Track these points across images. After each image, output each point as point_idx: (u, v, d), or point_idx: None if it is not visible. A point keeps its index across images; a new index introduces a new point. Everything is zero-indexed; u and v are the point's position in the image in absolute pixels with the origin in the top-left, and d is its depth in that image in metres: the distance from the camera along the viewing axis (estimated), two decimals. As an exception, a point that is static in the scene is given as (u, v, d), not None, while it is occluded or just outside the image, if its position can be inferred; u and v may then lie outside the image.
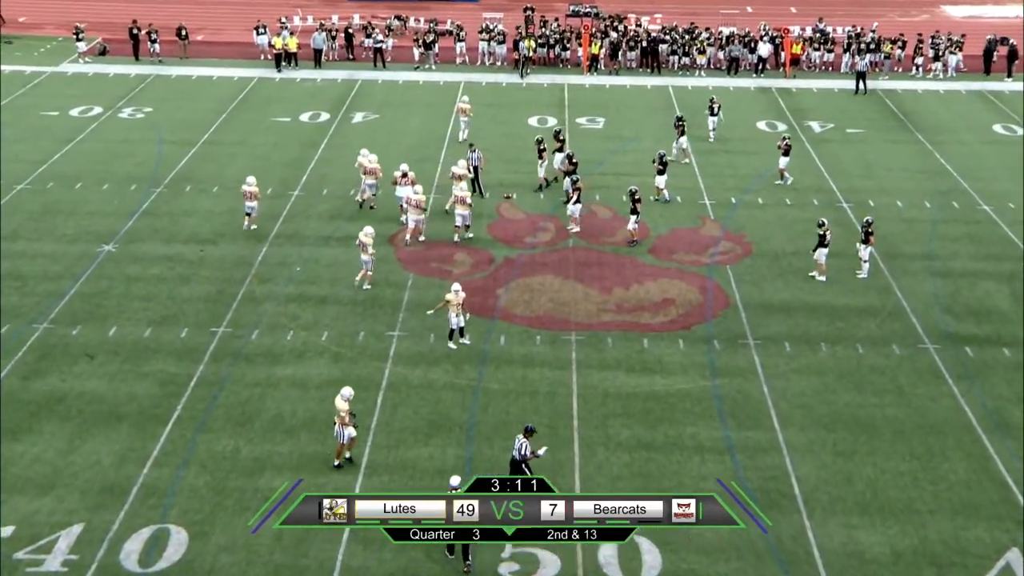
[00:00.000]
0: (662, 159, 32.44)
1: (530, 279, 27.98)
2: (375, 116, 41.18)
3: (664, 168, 32.38)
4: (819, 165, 35.86)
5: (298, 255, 29.07)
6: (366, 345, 24.69)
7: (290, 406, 22.34)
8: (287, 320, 25.74)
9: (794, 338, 25.24)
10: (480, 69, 47.88)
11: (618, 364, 24.06)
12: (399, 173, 31.31)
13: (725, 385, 23.31)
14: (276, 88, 44.74)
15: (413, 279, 27.81)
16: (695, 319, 26.05)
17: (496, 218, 31.52)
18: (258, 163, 35.81)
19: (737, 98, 43.83)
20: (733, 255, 29.48)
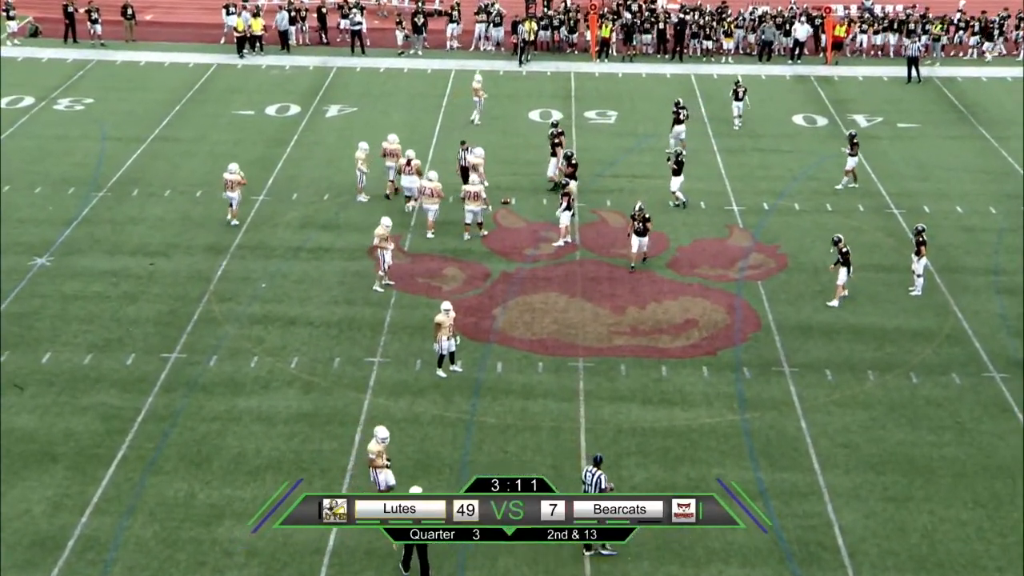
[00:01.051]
0: (678, 158, 32.59)
1: (531, 297, 28.07)
2: (352, 109, 41.38)
3: (680, 168, 32.51)
4: (866, 165, 36.03)
5: (263, 269, 29.17)
6: (342, 373, 24.75)
7: (254, 444, 22.39)
8: (251, 344, 25.80)
9: (836, 365, 25.31)
10: (474, 55, 48.14)
11: (632, 395, 24.13)
12: (403, 160, 32.16)
13: (756, 419, 23.36)
14: (238, 76, 44.94)
15: (396, 297, 27.90)
16: (721, 343, 26.14)
17: (492, 227, 31.65)
18: (217, 163, 35.91)
19: (770, 88, 44.08)
20: (765, 269, 29.60)
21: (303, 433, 22.58)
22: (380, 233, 27.74)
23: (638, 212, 28.82)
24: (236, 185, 31.16)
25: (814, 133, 39.69)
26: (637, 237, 28.85)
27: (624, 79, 45.04)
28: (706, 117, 40.77)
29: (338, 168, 35.54)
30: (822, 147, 38.13)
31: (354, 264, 29.38)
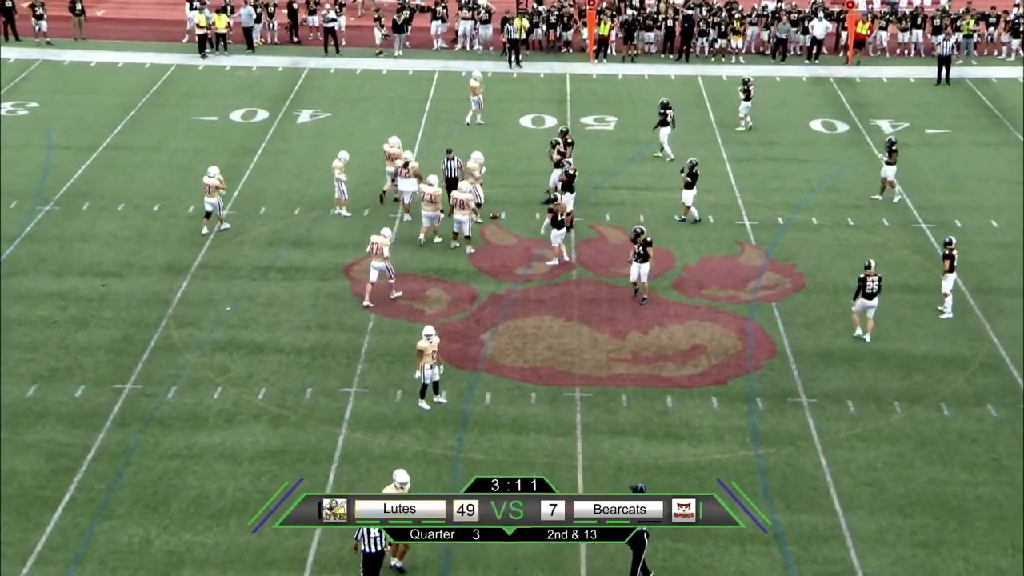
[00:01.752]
0: (692, 169, 32.65)
1: (523, 321, 28.10)
2: (326, 115, 41.46)
3: (694, 181, 32.62)
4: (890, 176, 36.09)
5: (228, 291, 29.17)
6: (314, 405, 24.73)
7: (217, 484, 22.34)
8: (213, 374, 25.77)
9: (859, 396, 25.35)
10: (459, 55, 48.30)
11: (635, 429, 24.14)
12: (400, 163, 32.55)
13: (771, 456, 23.38)
14: (200, 78, 45.01)
15: (375, 321, 27.91)
16: (732, 371, 26.18)
17: (479, 244, 31.70)
18: (176, 174, 36.00)
19: (786, 91, 44.29)
20: (780, 290, 29.67)
21: (271, 472, 22.53)
22: (378, 241, 28.21)
23: (639, 236, 28.53)
24: (215, 190, 31.55)
25: (833, 140, 39.85)
26: (638, 264, 28.57)
27: (624, 81, 45.21)
28: (715, 123, 40.94)
29: (310, 179, 35.60)
30: (842, 155, 38.29)
31: (328, 285, 29.40)
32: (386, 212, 33.12)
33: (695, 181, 32.64)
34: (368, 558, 18.95)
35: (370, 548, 18.75)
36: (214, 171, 31.81)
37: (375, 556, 18.89)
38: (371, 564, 18.98)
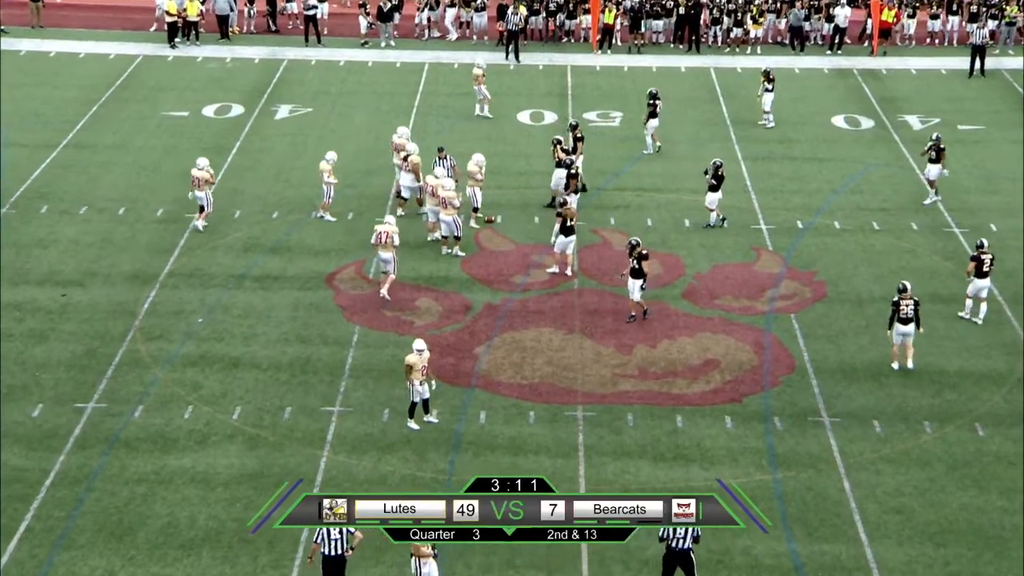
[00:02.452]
0: (717, 170, 32.60)
1: (521, 333, 28.16)
2: (306, 110, 41.54)
3: (719, 183, 32.58)
4: (919, 175, 36.25)
5: (200, 301, 29.23)
6: (294, 425, 24.76)
7: (187, 511, 22.37)
8: (184, 391, 25.81)
9: (886, 415, 25.40)
10: (452, 46, 48.40)
11: (642, 451, 24.18)
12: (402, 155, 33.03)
13: (790, 480, 23.43)
14: (169, 70, 45.07)
15: (360, 333, 27.96)
16: (748, 388, 26.24)
17: (474, 250, 31.77)
18: (143, 174, 36.06)
19: (805, 83, 44.39)
20: (800, 300, 29.75)
21: (247, 498, 22.57)
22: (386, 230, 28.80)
23: (633, 248, 28.25)
24: (204, 184, 31.86)
25: (858, 137, 39.95)
26: (633, 279, 28.36)
27: (631, 74, 45.30)
28: (728, 119, 41.04)
29: (289, 180, 35.68)
30: (867, 154, 38.40)
31: (309, 295, 29.46)
32: (373, 215, 33.18)
33: (720, 183, 32.60)
34: (328, 561, 19.25)
35: (330, 551, 19.15)
36: (204, 163, 32.20)
37: (336, 560, 19.22)
38: (331, 568, 19.29)
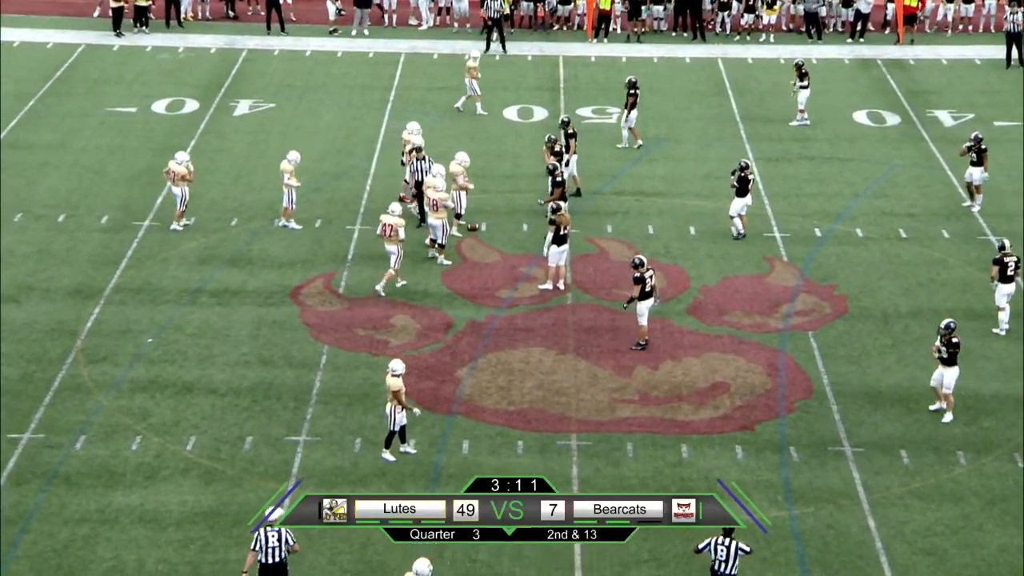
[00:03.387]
0: (743, 172, 32.41)
1: (508, 353, 28.14)
2: (269, 105, 41.49)
3: (746, 188, 32.53)
4: (951, 176, 36.32)
5: (150, 319, 29.15)
6: (256, 457, 24.68)
7: (135, 554, 22.29)
8: (132, 420, 25.72)
9: (915, 444, 25.37)
10: (430, 34, 48.39)
11: (643, 484, 24.11)
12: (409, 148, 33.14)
13: (808, 516, 23.41)
14: (114, 61, 44.99)
15: (329, 354, 27.91)
16: (760, 414, 26.23)
17: (456, 261, 31.75)
18: (85, 177, 35.98)
19: (824, 76, 44.41)
20: (818, 316, 29.77)
21: (202, 539, 22.49)
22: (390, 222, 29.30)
23: (637, 268, 27.83)
24: (180, 180, 32.17)
25: (882, 135, 40.02)
26: (641, 302, 28.07)
27: (629, 65, 45.31)
28: (738, 115, 41.11)
29: (249, 184, 35.64)
30: (893, 153, 38.46)
31: (271, 311, 29.41)
32: (343, 223, 33.15)
33: (746, 188, 32.50)
34: (265, 570, 19.90)
35: (267, 559, 19.87)
36: (183, 157, 32.52)
37: (273, 568, 19.93)
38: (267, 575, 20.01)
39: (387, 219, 29.89)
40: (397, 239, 29.71)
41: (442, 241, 31.20)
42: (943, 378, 25.81)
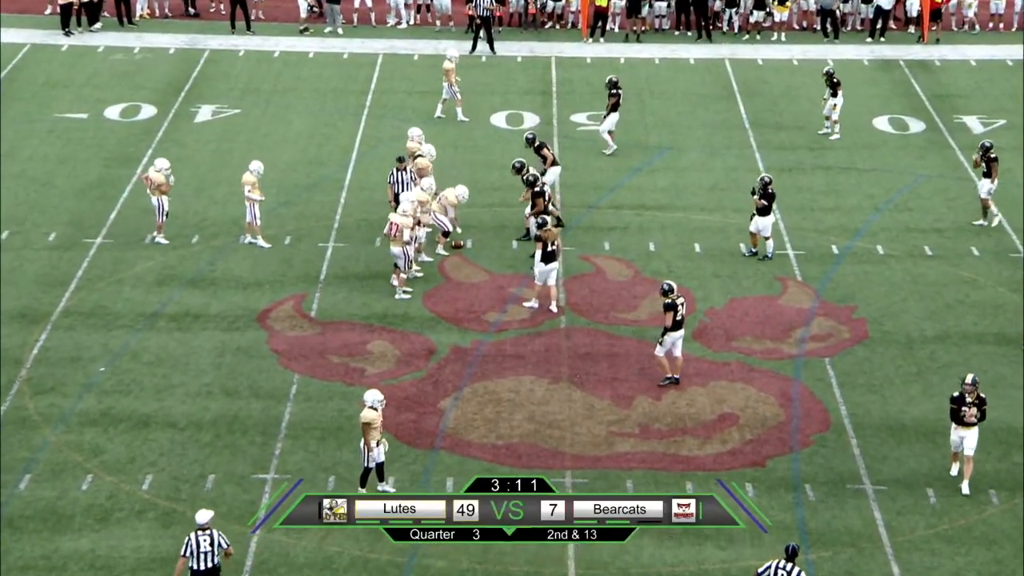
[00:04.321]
0: (766, 188, 32.23)
1: (496, 382, 28.16)
2: (233, 111, 41.53)
3: (771, 204, 32.34)
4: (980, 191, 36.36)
5: (102, 346, 29.13)
6: (219, 497, 24.61)
7: (86, 603, 22.29)
8: (82, 457, 25.68)
9: (943, 482, 25.36)
10: (410, 33, 48.45)
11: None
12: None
13: (826, 561, 23.43)
14: (63, 62, 45.00)
15: (299, 384, 27.90)
16: (772, 449, 26.25)
17: (438, 281, 31.77)
18: (31, 189, 35.96)
19: (841, 78, 44.10)
20: (835, 341, 29.81)
21: (161, 586, 22.53)
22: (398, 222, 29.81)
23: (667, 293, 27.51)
24: (158, 188, 32.37)
25: (905, 143, 40.14)
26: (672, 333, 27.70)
27: (628, 67, 45.45)
28: (747, 121, 41.20)
29: (212, 197, 35.66)
30: (917, 163, 38.56)
31: (236, 337, 29.41)
32: (315, 240, 33.18)
33: (772, 204, 32.41)
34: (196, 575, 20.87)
35: (199, 564, 20.85)
36: (162, 164, 32.78)
37: (206, 573, 20.90)
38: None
39: (396, 219, 30.17)
40: (402, 240, 30.02)
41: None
42: (965, 440, 24.80)
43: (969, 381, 24.75)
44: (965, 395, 24.69)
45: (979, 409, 24.66)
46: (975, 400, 24.64)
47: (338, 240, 33.30)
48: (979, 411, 24.68)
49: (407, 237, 30.13)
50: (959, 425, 24.76)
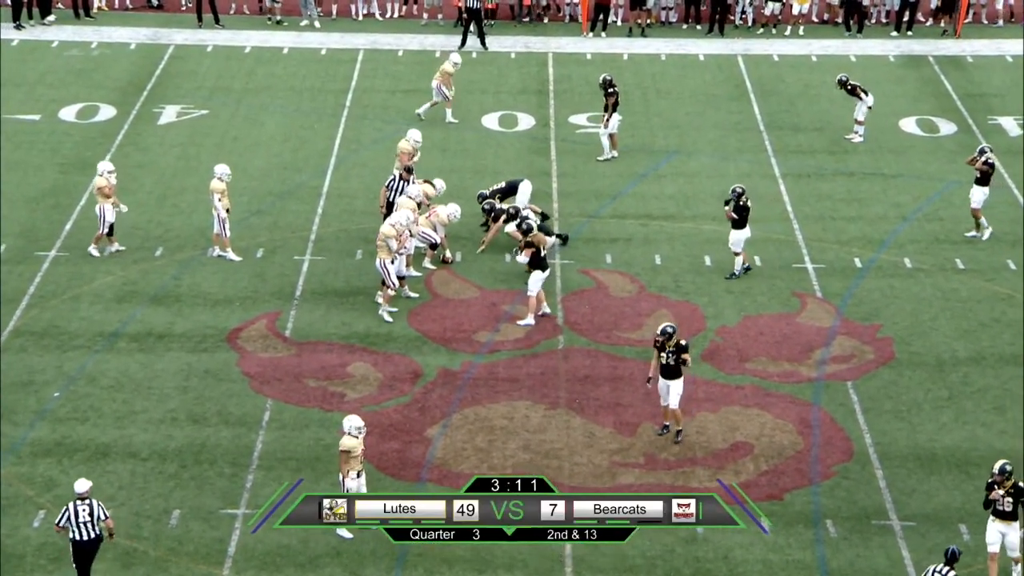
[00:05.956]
0: (740, 200, 31.99)
1: (488, 408, 28.18)
2: (200, 112, 41.55)
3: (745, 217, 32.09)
4: (1018, 196, 36.45)
5: (57, 369, 29.14)
6: (184, 534, 24.65)
7: (40, 650, 22.33)
8: (34, 491, 25.67)
9: (976, 517, 25.29)
10: (394, 26, 48.51)
11: (651, 565, 24.18)
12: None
13: (849, 602, 23.49)
14: (13, 59, 45.01)
15: (273, 410, 27.90)
16: (790, 481, 26.29)
17: (425, 297, 31.81)
18: (-18, 198, 36.07)
19: (865, 76, 44.51)
20: (859, 363, 29.85)
21: (121, 631, 22.54)
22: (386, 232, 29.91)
23: (668, 337, 26.98)
24: (100, 192, 32.59)
25: (935, 146, 40.18)
26: (667, 380, 27.50)
27: (632, 63, 45.53)
28: (762, 123, 41.25)
29: (177, 206, 35.67)
30: (948, 168, 38.57)
31: (204, 359, 29.41)
32: (290, 252, 33.21)
33: (746, 218, 32.40)
34: (79, 547, 22.24)
35: (80, 534, 22.17)
36: (104, 167, 32.88)
37: (87, 543, 22.24)
38: (82, 553, 22.32)
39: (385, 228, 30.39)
40: (387, 249, 30.19)
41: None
42: (1005, 538, 23.42)
43: (997, 471, 23.27)
44: (998, 486, 23.24)
45: (1015, 501, 23.12)
46: (1009, 491, 23.13)
47: (315, 253, 33.32)
48: (1014, 502, 23.10)
49: (394, 246, 30.08)
50: (999, 518, 23.41)
